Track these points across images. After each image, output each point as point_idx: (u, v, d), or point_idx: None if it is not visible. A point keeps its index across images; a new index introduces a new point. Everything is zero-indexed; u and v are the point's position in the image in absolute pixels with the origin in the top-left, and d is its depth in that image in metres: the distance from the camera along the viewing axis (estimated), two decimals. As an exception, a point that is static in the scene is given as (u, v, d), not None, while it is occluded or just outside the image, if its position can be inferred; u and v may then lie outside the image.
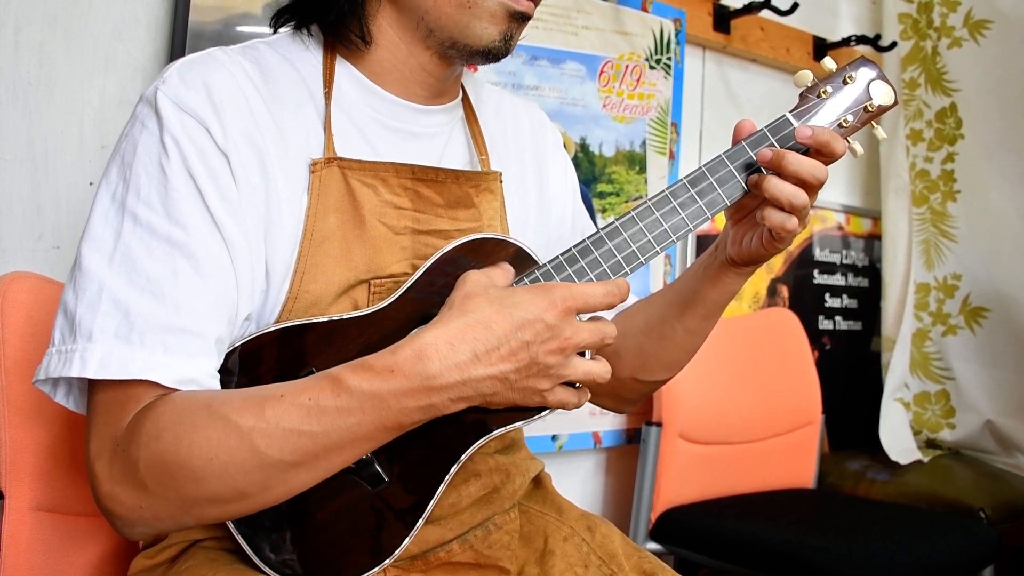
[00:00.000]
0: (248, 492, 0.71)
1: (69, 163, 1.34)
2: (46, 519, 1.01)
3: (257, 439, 0.69)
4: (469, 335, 0.71)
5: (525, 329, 0.72)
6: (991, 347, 2.32)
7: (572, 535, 0.99)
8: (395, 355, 0.71)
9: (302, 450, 0.70)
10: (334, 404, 0.70)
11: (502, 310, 0.73)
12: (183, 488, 0.70)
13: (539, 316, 0.73)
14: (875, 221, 2.59)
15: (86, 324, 0.72)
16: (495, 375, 0.72)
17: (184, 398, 0.72)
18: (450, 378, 0.71)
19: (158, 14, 1.41)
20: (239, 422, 0.69)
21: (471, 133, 0.97)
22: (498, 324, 0.72)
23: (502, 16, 0.84)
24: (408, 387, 0.70)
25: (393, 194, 0.86)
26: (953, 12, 2.35)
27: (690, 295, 0.95)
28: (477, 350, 0.71)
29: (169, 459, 0.70)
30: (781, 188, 0.83)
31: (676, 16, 2.04)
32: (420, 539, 0.86)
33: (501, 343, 0.72)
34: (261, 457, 0.70)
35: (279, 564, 0.79)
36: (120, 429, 0.72)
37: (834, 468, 2.25)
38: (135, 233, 0.74)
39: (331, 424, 0.70)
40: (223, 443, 0.69)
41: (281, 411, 0.70)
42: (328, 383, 0.71)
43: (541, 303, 0.73)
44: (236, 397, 0.72)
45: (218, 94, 0.78)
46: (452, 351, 0.71)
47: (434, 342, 0.71)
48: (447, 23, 0.84)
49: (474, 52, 0.86)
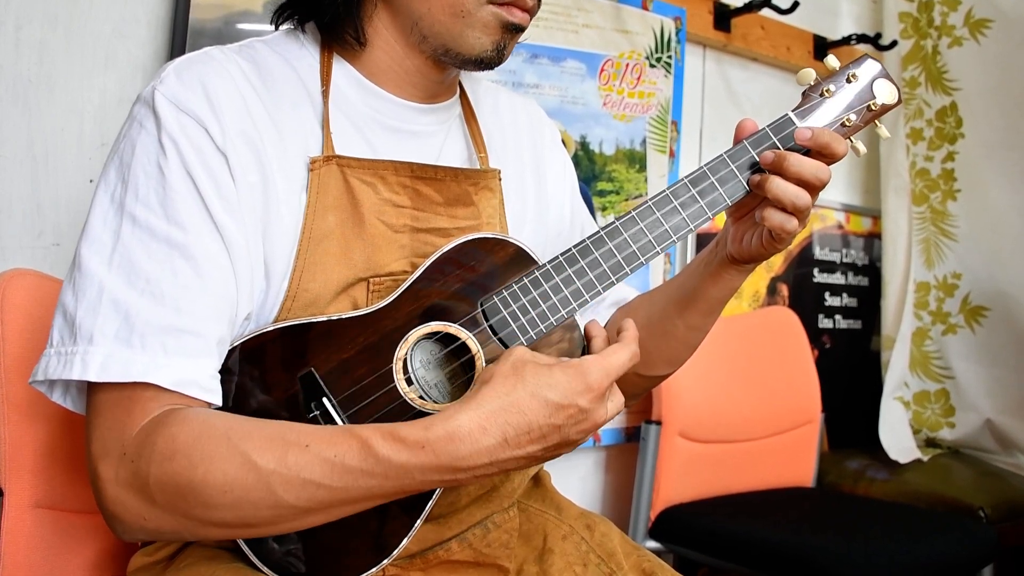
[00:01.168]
0: (256, 524, 0.72)
1: (69, 161, 1.34)
2: (46, 516, 1.01)
3: (275, 483, 0.70)
4: (501, 419, 0.71)
5: (559, 414, 0.73)
6: (991, 346, 2.32)
7: (571, 533, 0.99)
8: (427, 432, 0.71)
9: (318, 500, 0.71)
10: (359, 466, 0.70)
11: (537, 392, 0.72)
12: (192, 510, 0.71)
13: (574, 401, 0.73)
14: (875, 220, 2.59)
15: (86, 326, 0.72)
16: (522, 456, 0.73)
17: (201, 421, 0.72)
18: (478, 460, 0.71)
19: (158, 12, 1.41)
20: (259, 462, 0.70)
21: (469, 131, 0.97)
22: (531, 409, 0.72)
23: (495, 27, 0.84)
24: (436, 464, 0.70)
25: (392, 192, 0.86)
26: (953, 11, 2.35)
27: (691, 292, 0.95)
28: (507, 435, 0.71)
29: (182, 482, 0.70)
30: (784, 189, 0.83)
31: (677, 14, 2.04)
32: (419, 538, 0.86)
33: (532, 428, 0.72)
34: (276, 500, 0.70)
35: (278, 562, 0.79)
36: (126, 434, 0.72)
37: (834, 467, 2.25)
38: (134, 234, 0.74)
39: (352, 483, 0.70)
40: (239, 479, 0.69)
41: (304, 461, 0.70)
42: (357, 444, 0.71)
43: (577, 387, 0.73)
44: (258, 433, 0.72)
45: (215, 94, 0.78)
46: (484, 436, 0.71)
47: (468, 425, 0.71)
48: (440, 31, 0.84)
49: (467, 60, 0.86)
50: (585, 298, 0.84)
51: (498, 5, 0.83)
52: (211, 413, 0.74)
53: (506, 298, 0.83)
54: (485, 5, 0.83)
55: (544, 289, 0.84)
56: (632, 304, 1.06)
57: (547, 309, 0.84)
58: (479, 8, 0.83)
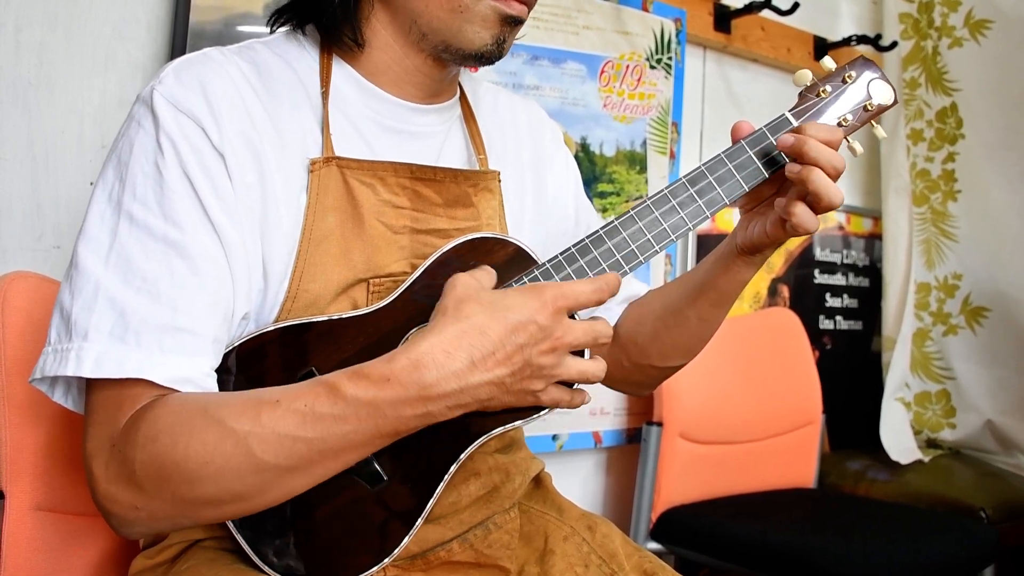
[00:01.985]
0: (244, 495, 0.72)
1: (69, 162, 1.34)
2: (46, 518, 1.00)
3: (253, 444, 0.69)
4: (465, 342, 0.71)
5: (519, 332, 0.72)
6: (992, 347, 2.32)
7: (572, 535, 0.99)
8: (391, 364, 0.70)
9: (297, 455, 0.70)
10: (330, 411, 0.70)
11: (495, 314, 0.72)
12: (179, 490, 0.70)
13: (531, 318, 0.73)
14: (876, 221, 2.59)
15: (82, 323, 0.72)
16: (491, 380, 0.72)
17: (181, 400, 0.72)
18: (447, 387, 0.70)
19: (158, 13, 1.41)
20: (235, 427, 0.69)
21: (469, 132, 0.97)
22: (492, 329, 0.72)
23: (494, 20, 0.84)
24: (405, 396, 0.70)
25: (392, 193, 0.86)
26: (954, 12, 2.35)
27: (702, 282, 0.96)
28: (474, 357, 0.71)
29: (165, 461, 0.69)
30: (826, 185, 0.82)
31: (677, 16, 2.04)
32: (420, 538, 0.86)
33: (496, 348, 0.72)
34: (257, 462, 0.70)
35: (279, 564, 0.79)
36: (117, 429, 0.72)
37: (835, 468, 2.25)
38: (131, 233, 0.74)
39: (327, 431, 0.70)
40: (219, 447, 0.69)
41: (277, 416, 0.70)
42: (324, 390, 0.71)
43: (533, 304, 0.73)
44: (233, 400, 0.72)
45: (214, 94, 0.78)
46: (449, 359, 0.70)
47: (430, 351, 0.70)
48: (439, 27, 0.84)
49: (467, 55, 0.86)
50: None
51: None
52: (191, 393, 0.73)
53: None
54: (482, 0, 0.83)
55: None
56: (646, 297, 1.07)
57: None
58: (477, 3, 0.83)
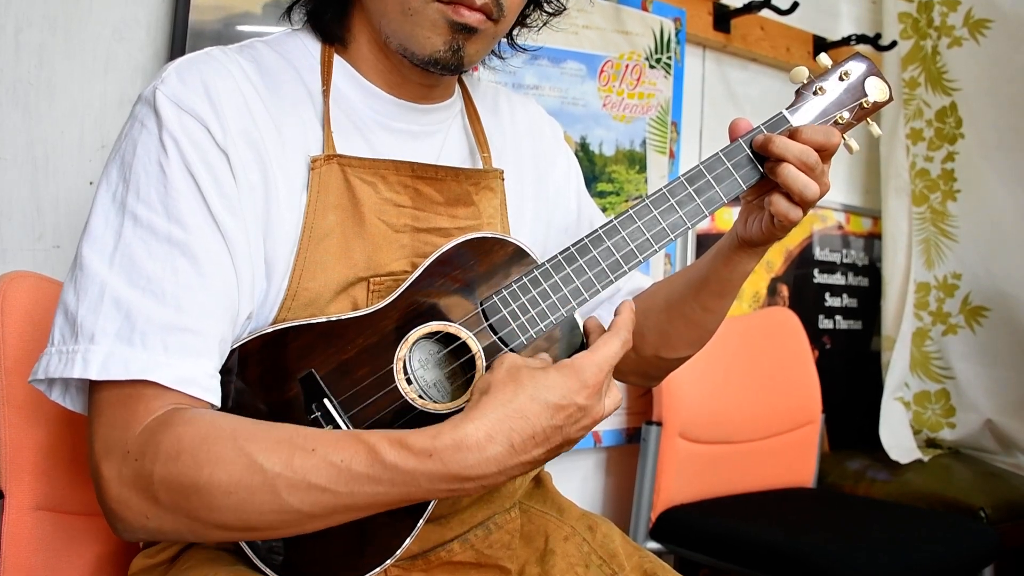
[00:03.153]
0: (259, 528, 0.72)
1: (69, 163, 1.34)
2: (46, 518, 1.00)
3: (280, 486, 0.69)
4: (506, 426, 0.71)
5: (558, 414, 0.73)
6: (991, 346, 2.32)
7: (573, 535, 1.00)
8: (435, 440, 0.70)
9: (322, 505, 0.70)
10: (365, 472, 0.70)
11: (536, 395, 0.73)
12: (195, 512, 0.70)
13: (572, 400, 0.74)
14: (875, 220, 2.59)
15: (88, 325, 0.72)
16: (528, 461, 0.73)
17: (207, 422, 0.72)
18: (486, 470, 0.71)
19: (158, 14, 1.41)
20: (264, 465, 0.69)
21: (472, 130, 0.98)
22: (533, 413, 0.72)
23: (443, 26, 0.82)
24: (443, 473, 0.70)
25: (393, 192, 0.86)
26: (953, 11, 2.35)
27: (704, 274, 0.97)
28: (513, 441, 0.71)
29: (186, 483, 0.69)
30: (794, 177, 0.84)
31: (676, 15, 2.04)
32: (421, 538, 0.86)
33: (536, 432, 0.72)
34: (281, 504, 0.70)
35: (279, 564, 0.79)
36: (129, 433, 0.72)
37: (834, 467, 2.25)
38: (135, 233, 0.74)
39: (358, 489, 0.70)
40: (244, 481, 0.69)
41: (310, 465, 0.69)
42: (364, 450, 0.70)
43: (573, 386, 0.74)
44: (263, 435, 0.71)
45: (216, 93, 0.79)
46: (491, 444, 0.71)
47: (474, 434, 0.71)
48: (396, 29, 0.84)
49: (424, 60, 0.84)
50: (584, 296, 0.85)
51: (444, 3, 0.81)
52: (217, 415, 0.74)
53: (505, 297, 0.84)
54: (431, 3, 0.81)
55: (543, 288, 0.84)
56: (650, 290, 1.08)
57: (546, 308, 0.84)
58: (425, 6, 0.81)
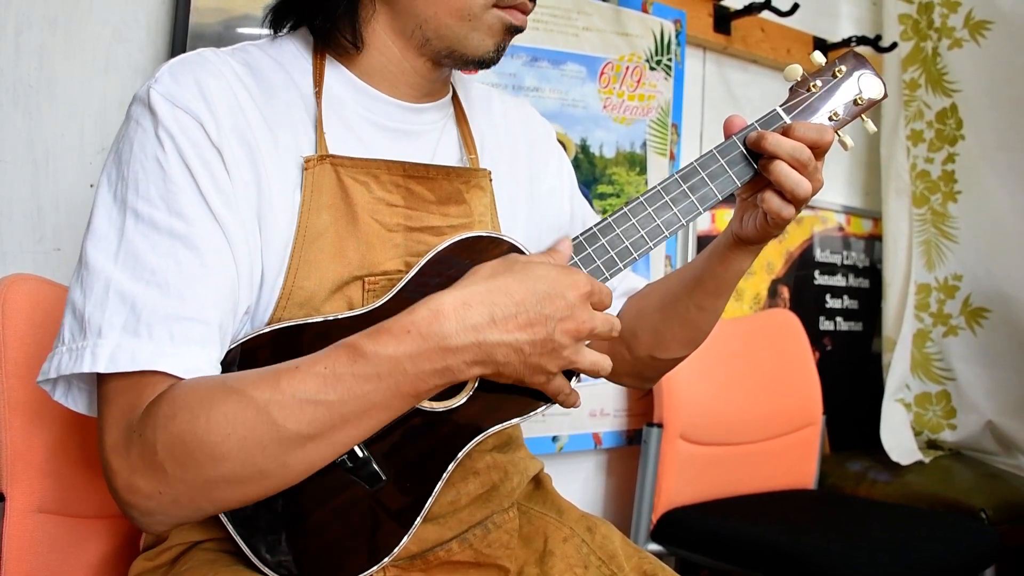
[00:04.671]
0: (266, 470, 0.71)
1: (70, 165, 1.34)
2: (47, 521, 1.01)
3: (273, 411, 0.69)
4: (488, 298, 0.72)
5: (545, 302, 0.73)
6: (992, 348, 2.32)
7: (572, 536, 1.00)
8: (411, 315, 0.71)
9: (319, 421, 0.70)
10: (350, 371, 0.70)
11: (525, 279, 0.73)
12: (202, 468, 0.70)
13: (561, 292, 0.74)
14: (876, 222, 2.59)
15: (95, 320, 0.73)
16: (510, 343, 0.72)
17: (199, 379, 0.73)
18: (465, 339, 0.71)
19: (158, 16, 1.41)
20: (255, 395, 0.70)
21: (460, 131, 0.98)
22: (518, 292, 0.73)
23: (499, 29, 0.87)
24: (424, 348, 0.70)
25: (385, 191, 0.87)
26: (953, 13, 2.35)
27: (700, 273, 0.98)
28: (495, 314, 0.72)
29: (187, 438, 0.69)
30: (786, 174, 0.85)
31: (676, 17, 2.05)
32: (419, 538, 0.86)
33: (519, 311, 0.72)
34: (278, 430, 0.69)
35: (278, 565, 0.79)
36: (135, 419, 0.72)
37: (835, 469, 2.25)
38: (137, 228, 0.75)
39: (347, 392, 0.70)
40: (239, 417, 0.69)
41: (296, 382, 0.70)
42: (344, 350, 0.71)
43: (564, 280, 0.75)
44: (251, 373, 0.72)
45: (209, 91, 0.79)
46: (468, 311, 0.71)
47: (451, 302, 0.71)
48: (447, 33, 0.86)
49: (469, 61, 0.88)
50: None
51: (503, 8, 0.86)
52: (208, 375, 0.74)
53: None
54: (491, 9, 0.85)
55: None
56: (645, 290, 1.08)
57: None
58: (484, 12, 0.85)
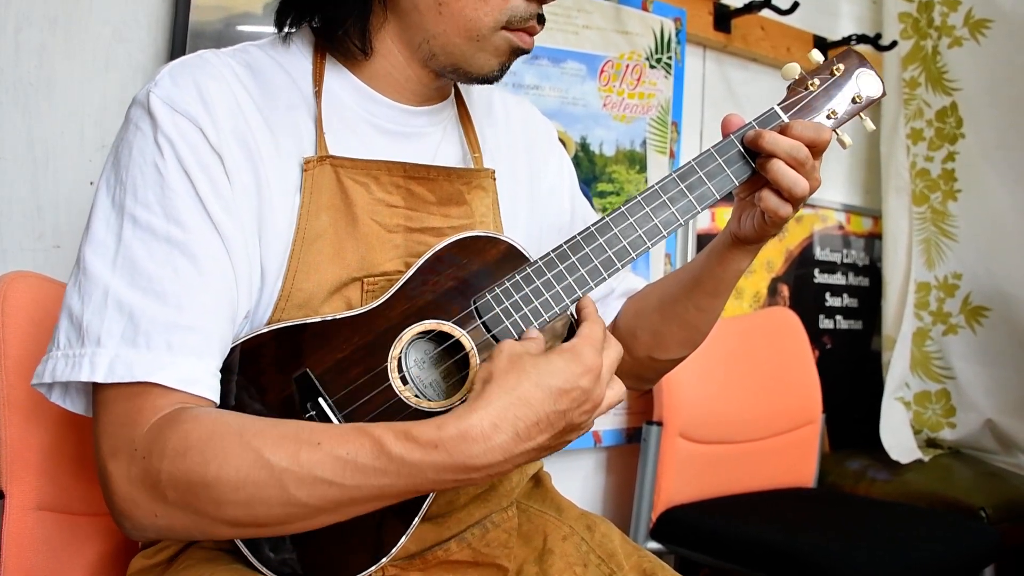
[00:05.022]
0: (267, 523, 0.72)
1: (69, 163, 1.34)
2: (47, 519, 1.01)
3: (288, 481, 0.69)
4: (511, 414, 0.72)
5: (562, 399, 0.73)
6: (992, 346, 2.32)
7: (571, 534, 1.00)
8: (440, 431, 0.70)
9: (330, 499, 0.71)
10: (372, 464, 0.70)
11: (539, 382, 0.73)
12: (203, 508, 0.71)
13: (575, 383, 0.74)
14: (876, 220, 2.59)
15: (94, 329, 0.73)
16: (533, 448, 0.73)
17: (213, 419, 0.72)
18: (492, 459, 0.71)
19: (158, 14, 1.41)
20: (271, 460, 0.70)
21: (464, 131, 0.98)
22: (536, 398, 0.72)
23: (505, 50, 0.87)
24: (450, 464, 0.70)
25: (385, 192, 0.87)
26: (953, 11, 2.35)
27: (698, 273, 0.97)
28: (519, 429, 0.72)
29: (194, 479, 0.70)
30: (784, 173, 0.85)
31: (677, 15, 2.04)
32: (418, 537, 0.87)
33: (540, 418, 0.72)
34: (289, 498, 0.70)
35: (276, 564, 0.79)
36: (136, 432, 0.72)
37: (834, 467, 2.25)
38: (135, 235, 0.75)
39: (364, 481, 0.70)
40: (252, 476, 0.69)
41: (317, 459, 0.70)
42: (369, 442, 0.70)
43: (576, 369, 0.74)
44: (270, 431, 0.72)
45: (209, 95, 0.79)
46: (496, 432, 0.71)
47: (479, 424, 0.71)
48: (453, 51, 0.86)
49: (472, 78, 0.89)
50: (577, 293, 0.85)
51: (511, 31, 0.86)
52: (223, 412, 0.74)
53: (498, 295, 0.84)
54: (499, 31, 0.85)
55: (536, 285, 0.84)
56: (644, 290, 1.08)
57: (539, 305, 0.84)
58: (493, 33, 0.85)
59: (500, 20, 0.84)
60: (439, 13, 0.84)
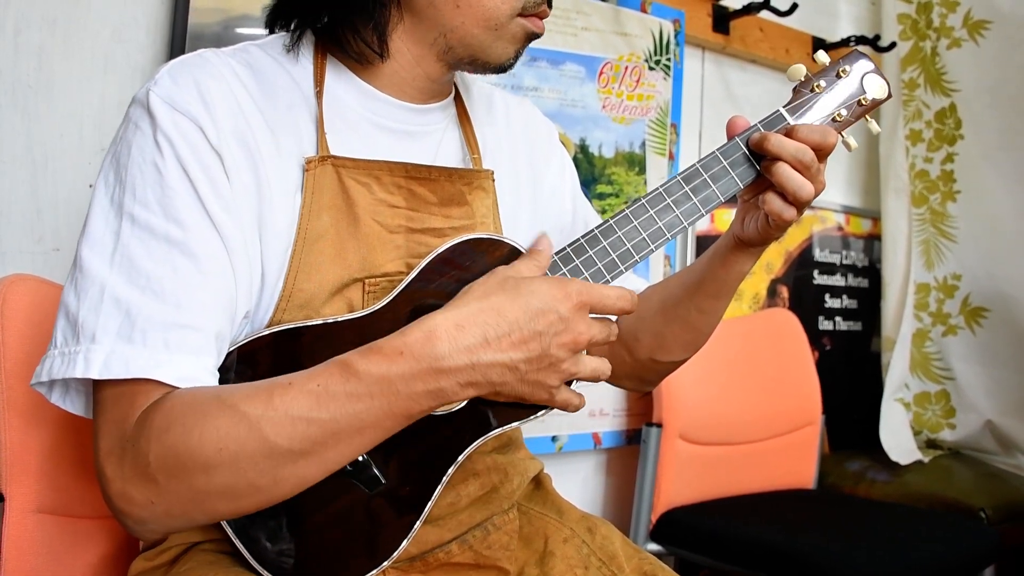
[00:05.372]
0: (259, 484, 0.71)
1: (69, 165, 1.34)
2: (47, 521, 1.00)
3: (266, 427, 0.69)
4: (480, 319, 0.72)
5: (538, 319, 0.73)
6: (991, 347, 2.32)
7: (572, 536, 1.00)
8: (404, 337, 0.71)
9: (310, 439, 0.70)
10: (343, 389, 0.70)
11: (516, 297, 0.73)
12: (194, 480, 0.70)
13: (553, 307, 0.73)
14: (875, 221, 2.59)
15: (89, 325, 0.72)
16: (505, 362, 0.72)
17: (194, 390, 0.72)
18: (458, 360, 0.70)
19: (157, 16, 1.41)
20: (247, 411, 0.69)
21: (463, 132, 0.98)
22: (511, 311, 0.72)
23: (521, 36, 0.88)
24: (417, 369, 0.70)
25: (387, 192, 0.87)
26: (952, 12, 2.35)
27: (701, 275, 0.97)
28: (488, 335, 0.71)
29: (180, 450, 0.69)
30: (789, 176, 0.85)
31: (675, 17, 2.05)
32: (419, 540, 0.86)
33: (513, 329, 0.72)
34: (270, 446, 0.69)
35: (277, 567, 0.79)
36: (128, 426, 0.72)
37: (834, 468, 2.25)
38: (133, 233, 0.74)
39: (339, 410, 0.70)
40: (232, 432, 0.69)
41: (289, 399, 0.70)
42: (337, 368, 0.71)
43: (556, 294, 0.74)
44: (246, 387, 0.72)
45: (209, 94, 0.79)
46: (461, 333, 0.71)
47: (444, 324, 0.71)
48: (472, 42, 0.87)
49: (489, 68, 0.90)
50: None
51: (525, 16, 0.87)
52: (202, 386, 0.74)
53: None
54: (515, 19, 0.86)
55: None
56: (646, 292, 1.08)
57: None
58: (510, 21, 0.86)
59: (516, 7, 0.86)
60: (456, 7, 0.85)
